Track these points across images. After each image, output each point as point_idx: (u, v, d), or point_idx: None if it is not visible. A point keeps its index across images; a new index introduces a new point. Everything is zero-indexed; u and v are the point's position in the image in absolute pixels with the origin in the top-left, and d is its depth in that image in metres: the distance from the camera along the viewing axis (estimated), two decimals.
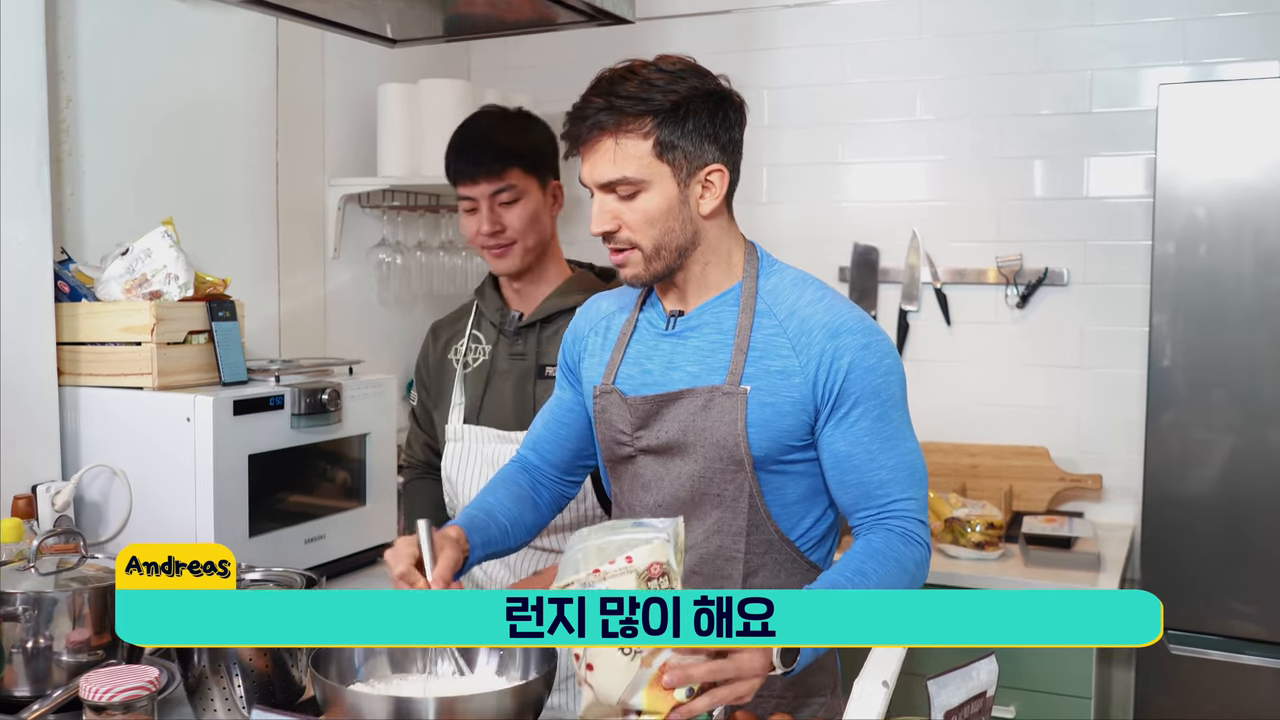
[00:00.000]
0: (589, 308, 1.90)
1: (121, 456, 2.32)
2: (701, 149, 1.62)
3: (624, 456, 1.76)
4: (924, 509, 1.63)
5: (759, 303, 1.68)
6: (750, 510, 1.67)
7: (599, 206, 1.64)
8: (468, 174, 2.19)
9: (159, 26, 2.74)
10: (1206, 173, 2.72)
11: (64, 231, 2.48)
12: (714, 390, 1.64)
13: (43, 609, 1.65)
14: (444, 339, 2.41)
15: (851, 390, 1.61)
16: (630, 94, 1.58)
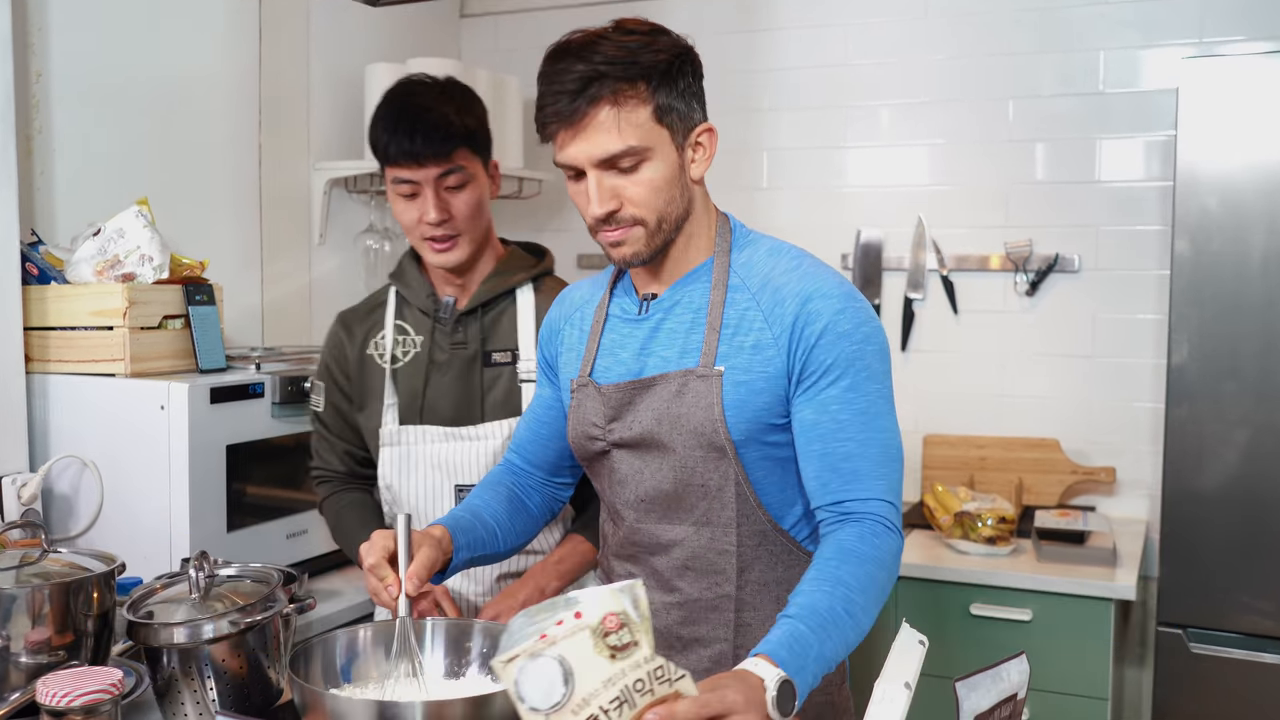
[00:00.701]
0: (563, 299, 1.80)
1: (92, 447, 2.22)
2: (692, 109, 1.55)
3: (598, 452, 1.67)
4: (895, 493, 1.52)
5: (732, 276, 1.60)
6: (738, 499, 1.58)
7: (597, 186, 1.52)
8: (410, 154, 1.93)
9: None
10: (1228, 154, 2.62)
11: (34, 212, 2.38)
12: (688, 374, 1.56)
13: (4, 605, 1.54)
14: (360, 333, 2.14)
15: (822, 356, 1.51)
16: (615, 59, 1.48)
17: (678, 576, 1.61)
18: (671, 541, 1.62)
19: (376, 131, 1.97)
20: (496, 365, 2.05)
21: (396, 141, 1.93)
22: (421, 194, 1.96)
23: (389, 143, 1.94)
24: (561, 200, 3.85)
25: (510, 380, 2.05)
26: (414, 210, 1.97)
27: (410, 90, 2.01)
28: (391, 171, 1.97)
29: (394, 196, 2.00)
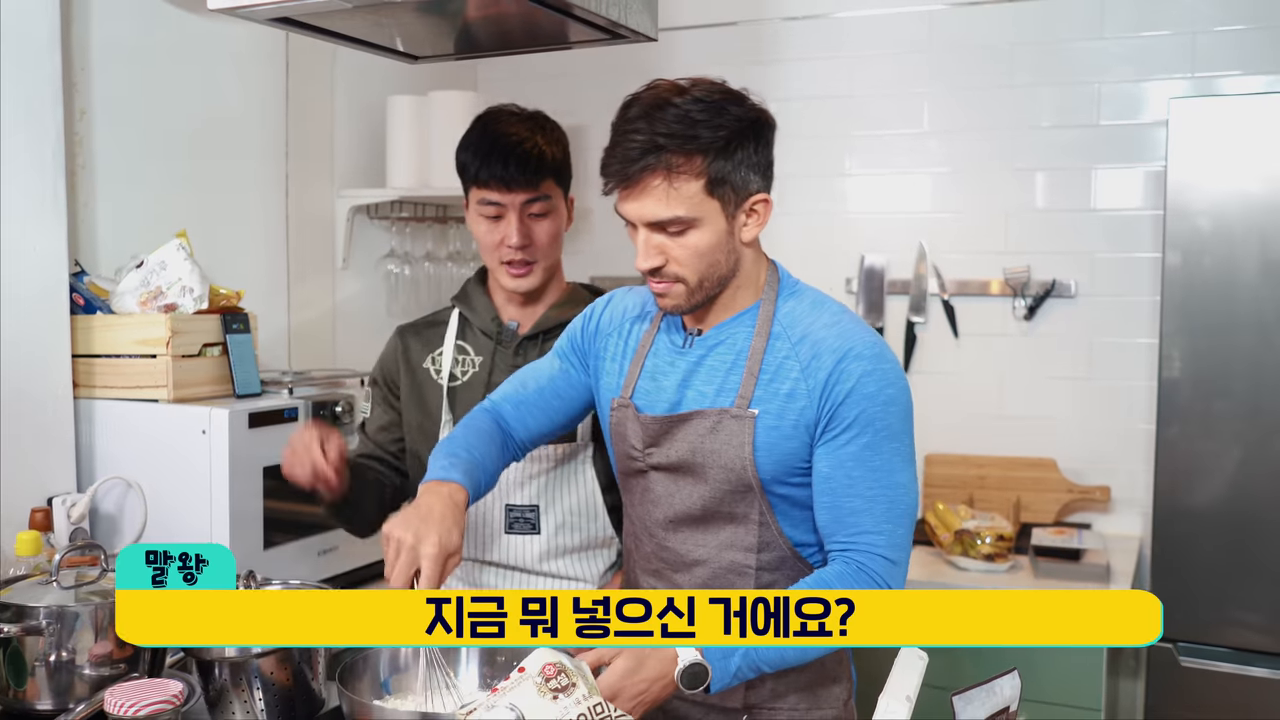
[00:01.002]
0: (614, 303, 1.87)
1: (136, 469, 2.32)
2: (748, 181, 1.61)
3: (636, 470, 1.76)
4: (895, 546, 1.60)
5: (775, 325, 1.68)
6: (761, 526, 1.67)
7: (645, 243, 1.61)
8: (501, 178, 1.98)
9: (171, 37, 2.75)
10: (1216, 185, 2.74)
11: (78, 243, 2.49)
12: (723, 413, 1.65)
13: (65, 623, 1.65)
14: (416, 347, 2.16)
15: (846, 414, 1.60)
16: (675, 131, 1.55)
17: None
18: (696, 560, 1.71)
19: (466, 154, 2.03)
20: None
21: (488, 165, 1.98)
22: (506, 217, 2.01)
23: (480, 166, 1.99)
24: (577, 224, 3.94)
25: None
26: (496, 233, 2.02)
27: (501, 118, 2.05)
28: (479, 193, 2.01)
29: (476, 217, 2.05)
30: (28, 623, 1.63)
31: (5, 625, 1.63)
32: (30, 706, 1.65)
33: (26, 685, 1.65)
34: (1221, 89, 3.14)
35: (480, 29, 1.92)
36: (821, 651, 1.62)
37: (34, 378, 2.28)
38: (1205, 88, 3.16)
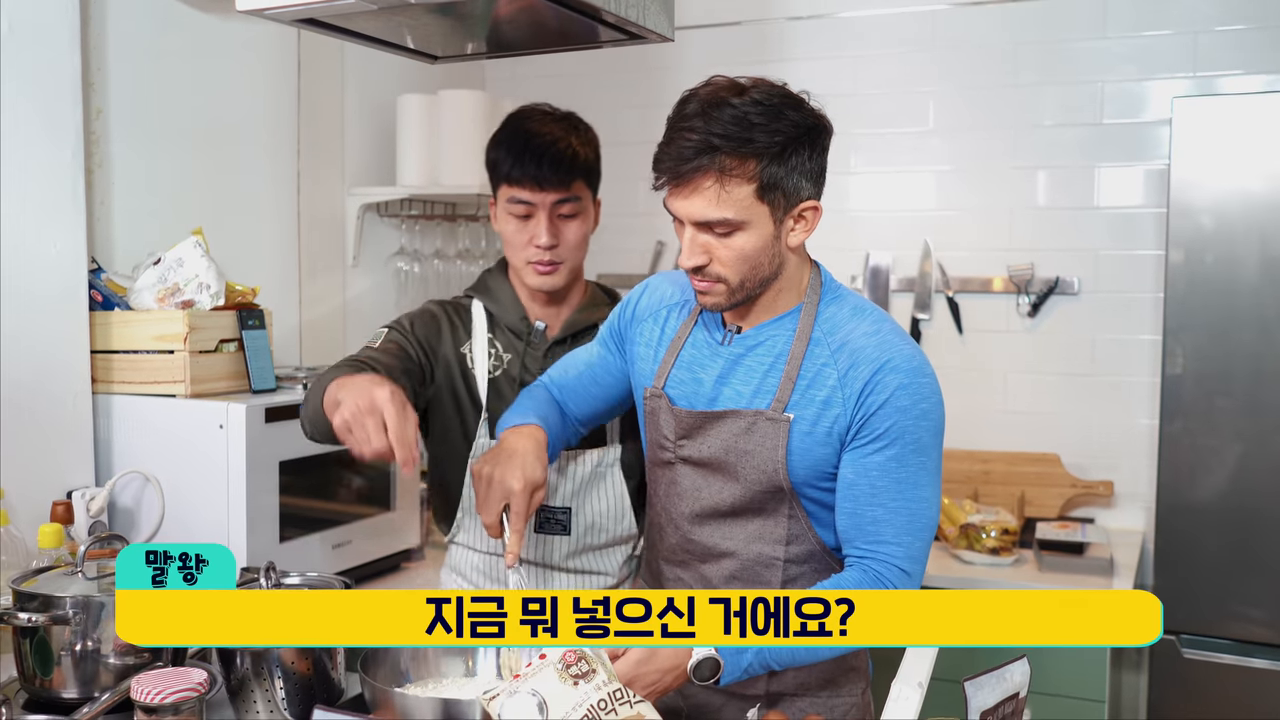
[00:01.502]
0: (652, 290, 1.89)
1: (154, 463, 2.36)
2: (799, 187, 1.61)
3: (665, 461, 1.78)
4: (912, 559, 1.62)
5: (816, 330, 1.68)
6: (791, 521, 1.70)
7: (691, 241, 1.62)
8: (534, 178, 1.97)
9: (184, 37, 2.78)
10: (1218, 183, 2.77)
11: (94, 241, 2.52)
12: (758, 415, 1.66)
13: (91, 612, 1.67)
14: (451, 330, 2.10)
15: (878, 425, 1.61)
16: (731, 133, 1.54)
17: (724, 584, 1.73)
18: (724, 552, 1.73)
19: (498, 152, 2.02)
20: None
21: (521, 164, 1.97)
22: (535, 216, 2.00)
23: (513, 164, 1.98)
24: None
25: None
26: (525, 231, 2.01)
27: (535, 117, 2.04)
28: (509, 191, 2.00)
29: (505, 215, 2.03)
30: (55, 612, 1.65)
31: (33, 615, 1.65)
32: (57, 695, 1.67)
33: (53, 674, 1.68)
34: (1223, 88, 3.17)
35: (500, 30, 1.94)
36: (832, 652, 1.65)
37: (53, 373, 2.32)
38: (1207, 87, 3.19)
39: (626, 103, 3.93)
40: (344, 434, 1.63)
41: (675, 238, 4.02)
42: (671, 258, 3.89)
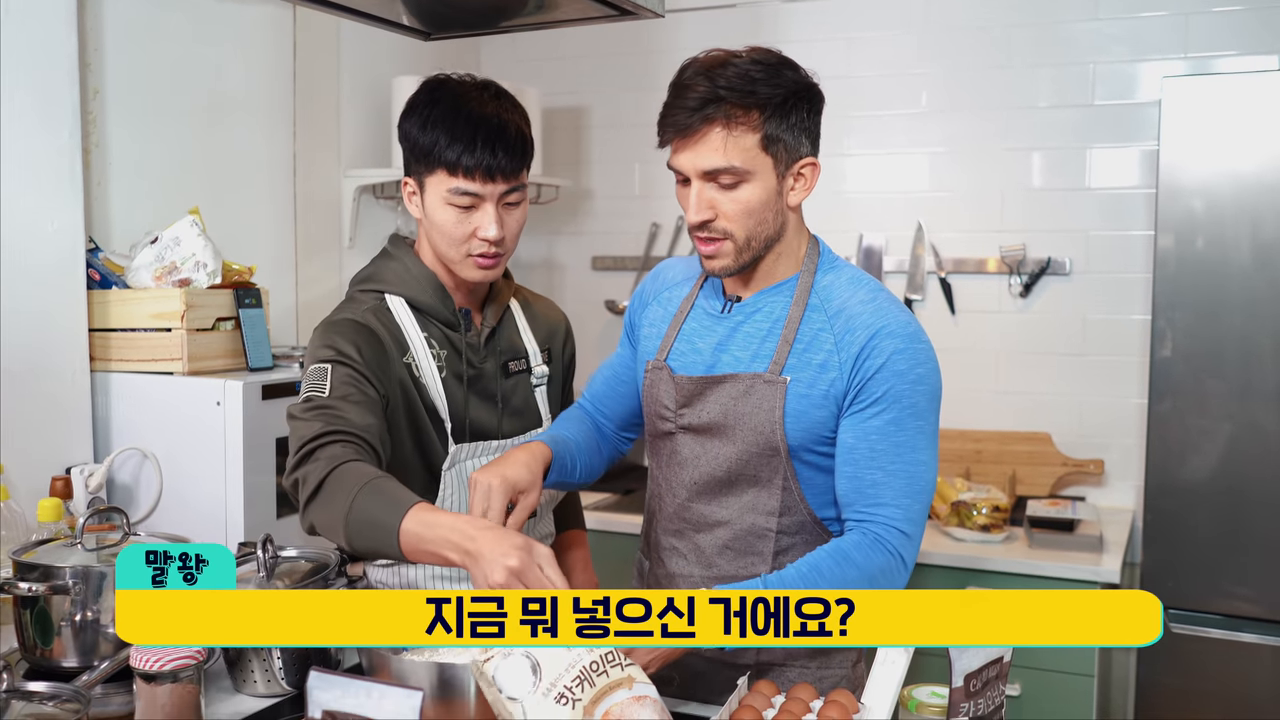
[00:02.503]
0: (658, 274, 1.94)
1: (152, 439, 2.38)
2: (800, 143, 1.66)
3: (665, 432, 1.81)
4: (911, 520, 1.64)
5: (812, 297, 1.72)
6: (784, 491, 1.72)
7: (697, 196, 1.65)
8: (487, 168, 1.76)
9: (180, 18, 2.80)
10: (1207, 164, 2.79)
11: (91, 220, 2.53)
12: (755, 377, 1.69)
13: (90, 582, 1.70)
14: (392, 345, 1.86)
15: (875, 389, 1.63)
16: (735, 85, 1.59)
17: (717, 554, 1.76)
18: (718, 522, 1.76)
19: (434, 133, 1.77)
20: (513, 374, 2.00)
21: (471, 151, 1.75)
22: (481, 208, 1.80)
23: (462, 151, 1.75)
24: (577, 205, 4.02)
25: (525, 388, 2.03)
26: (468, 223, 1.80)
27: (469, 94, 1.81)
28: (452, 180, 1.77)
29: (441, 205, 1.80)
30: (55, 582, 1.68)
31: (33, 585, 1.68)
32: (57, 664, 1.70)
33: (53, 644, 1.70)
34: (1214, 69, 3.19)
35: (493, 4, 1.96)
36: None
37: (52, 351, 2.34)
38: (1198, 68, 3.21)
39: (622, 85, 3.95)
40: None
41: (670, 220, 4.06)
42: (666, 241, 3.91)
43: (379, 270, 1.94)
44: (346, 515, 1.56)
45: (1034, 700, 2.84)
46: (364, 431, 1.69)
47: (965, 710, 1.34)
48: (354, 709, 1.20)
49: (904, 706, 1.45)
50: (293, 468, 1.65)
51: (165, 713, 1.54)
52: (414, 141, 1.82)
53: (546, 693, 1.31)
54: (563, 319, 2.16)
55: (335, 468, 1.60)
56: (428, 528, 1.50)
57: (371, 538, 1.55)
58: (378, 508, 1.54)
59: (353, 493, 1.56)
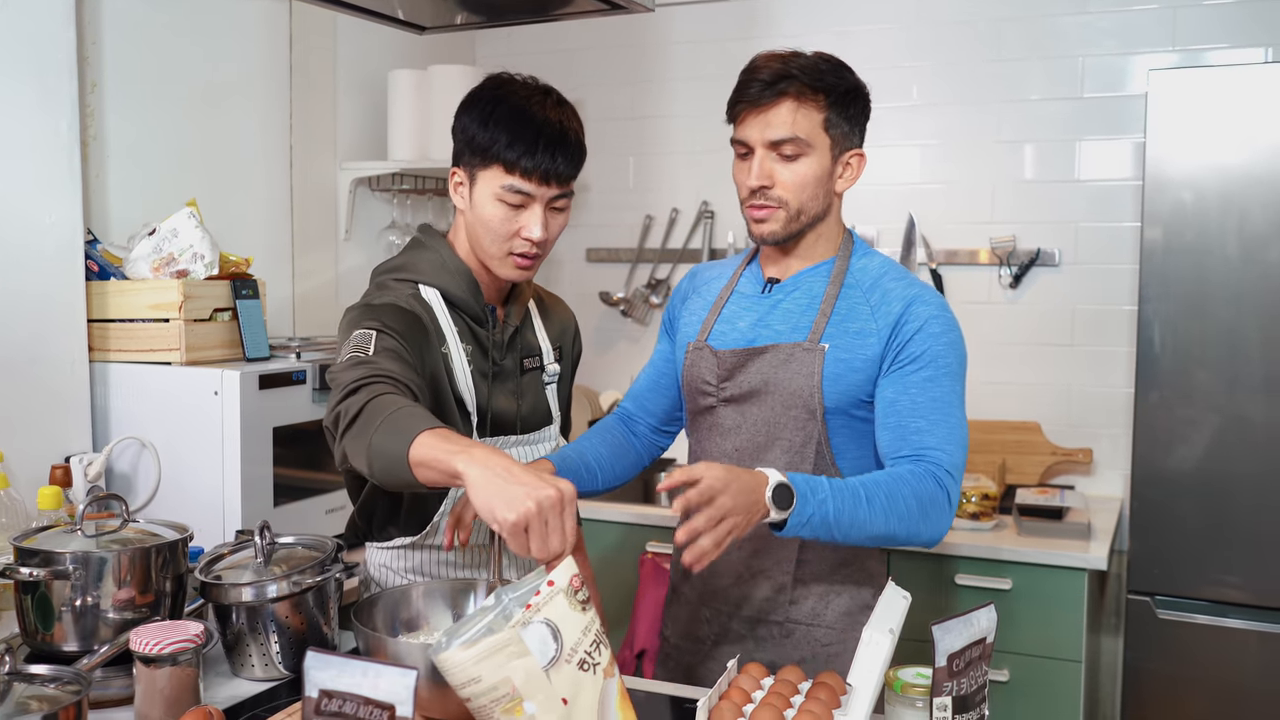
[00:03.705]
0: (695, 274, 2.07)
1: (150, 429, 2.41)
2: (853, 134, 1.83)
3: (706, 407, 1.92)
4: (957, 467, 1.73)
5: (848, 277, 1.86)
6: (817, 455, 1.82)
7: (759, 164, 1.79)
8: (544, 171, 1.79)
9: (177, 12, 2.82)
10: (1194, 157, 2.81)
11: (89, 212, 2.56)
12: (796, 346, 1.81)
13: (91, 568, 1.72)
14: (433, 333, 1.88)
15: (914, 349, 1.76)
16: (808, 67, 1.77)
17: None
18: None
19: (494, 131, 1.79)
20: (528, 371, 2.02)
21: (532, 154, 1.77)
22: (530, 208, 1.82)
23: (522, 152, 1.78)
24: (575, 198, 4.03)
25: (538, 385, 2.05)
26: (515, 221, 1.82)
27: (531, 97, 1.84)
28: (507, 178, 1.79)
29: (491, 201, 1.82)
30: (55, 568, 1.70)
31: (34, 570, 1.70)
32: (57, 649, 1.72)
33: (54, 628, 1.72)
34: (1203, 62, 3.22)
35: None
36: (874, 537, 1.68)
37: (51, 342, 2.37)
38: (1187, 61, 3.24)
39: (617, 79, 3.97)
40: (517, 534, 1.38)
41: (663, 213, 4.08)
42: (660, 233, 3.94)
43: (414, 260, 1.94)
44: (371, 437, 1.53)
45: (1022, 686, 2.87)
46: (407, 380, 1.68)
47: (949, 689, 1.37)
48: (350, 688, 1.22)
49: (889, 687, 1.47)
50: (335, 405, 1.64)
51: (164, 695, 1.57)
52: (471, 136, 1.84)
53: (569, 659, 1.33)
54: (573, 318, 2.19)
55: (374, 398, 1.59)
56: (445, 439, 1.46)
57: (390, 453, 1.50)
58: (400, 426, 1.51)
59: (383, 416, 1.54)
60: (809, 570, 1.87)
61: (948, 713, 1.36)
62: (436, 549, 1.97)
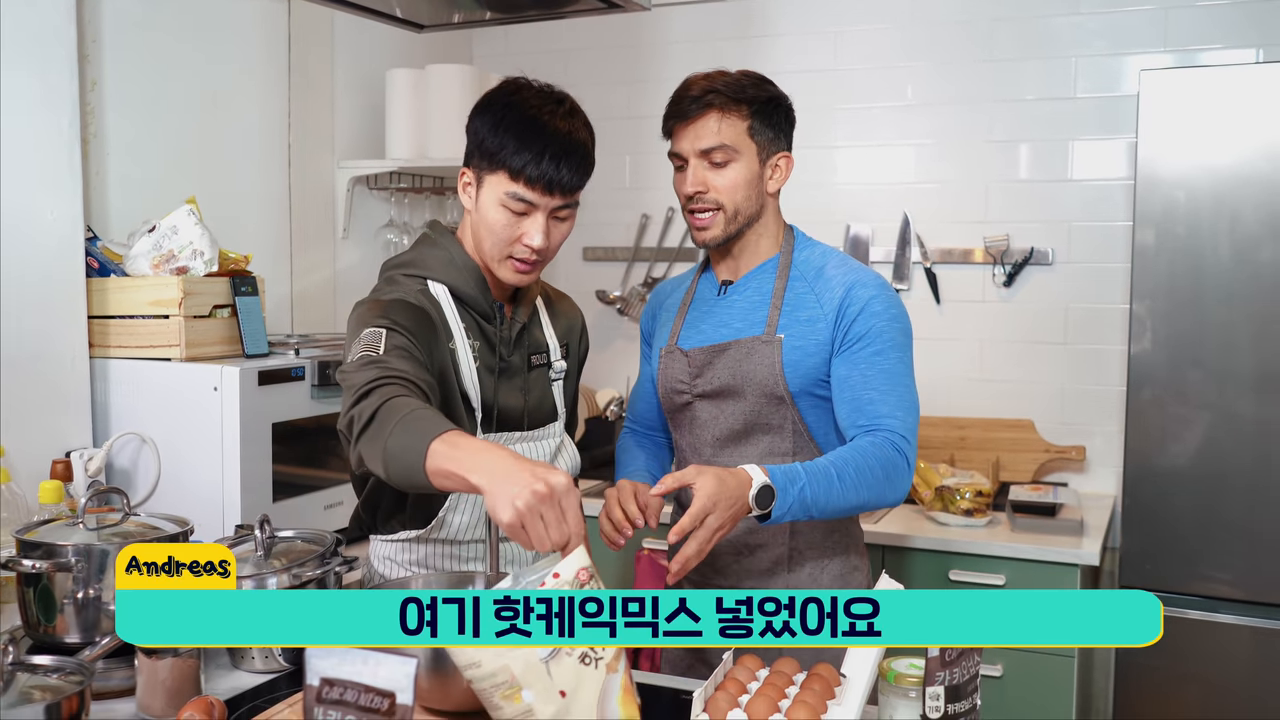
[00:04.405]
0: (658, 293, 2.25)
1: (150, 425, 2.43)
2: (777, 139, 2.00)
3: (682, 404, 2.08)
4: (910, 430, 1.89)
5: (793, 270, 2.02)
6: (794, 434, 1.99)
7: (693, 173, 1.96)
8: (549, 181, 1.79)
9: (177, 11, 2.84)
10: (1185, 157, 2.83)
11: (89, 210, 2.58)
12: (755, 340, 1.98)
13: (92, 560, 1.74)
14: (441, 329, 1.90)
15: (859, 329, 1.92)
16: (731, 87, 1.95)
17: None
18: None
19: (503, 137, 1.80)
20: (535, 368, 2.03)
21: (538, 163, 1.78)
22: (532, 216, 1.82)
23: (529, 161, 1.78)
24: None
25: (544, 382, 2.07)
26: (517, 227, 1.83)
27: (543, 105, 1.84)
28: (512, 185, 1.80)
29: (496, 205, 1.83)
30: (58, 560, 1.72)
31: (37, 562, 1.72)
32: (59, 640, 1.74)
33: (56, 620, 1.75)
34: (1195, 62, 3.24)
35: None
36: (853, 509, 1.85)
37: (52, 337, 2.39)
38: (1179, 61, 3.27)
39: (613, 79, 3.99)
40: (515, 533, 1.43)
41: (659, 211, 4.10)
42: (656, 231, 3.96)
43: (423, 256, 1.96)
44: (386, 442, 1.56)
45: (1015, 680, 2.90)
46: (418, 379, 1.70)
47: (941, 679, 1.38)
48: (351, 676, 1.24)
49: (883, 678, 1.49)
50: (349, 408, 1.66)
51: (165, 686, 1.60)
52: (482, 139, 1.84)
53: (570, 652, 1.33)
54: (580, 316, 2.20)
55: (387, 401, 1.61)
56: (455, 447, 1.49)
57: (405, 461, 1.53)
58: (413, 431, 1.54)
59: (396, 420, 1.56)
60: (803, 539, 2.02)
61: (940, 702, 1.38)
62: (441, 542, 1.99)
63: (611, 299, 3.99)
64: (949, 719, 1.38)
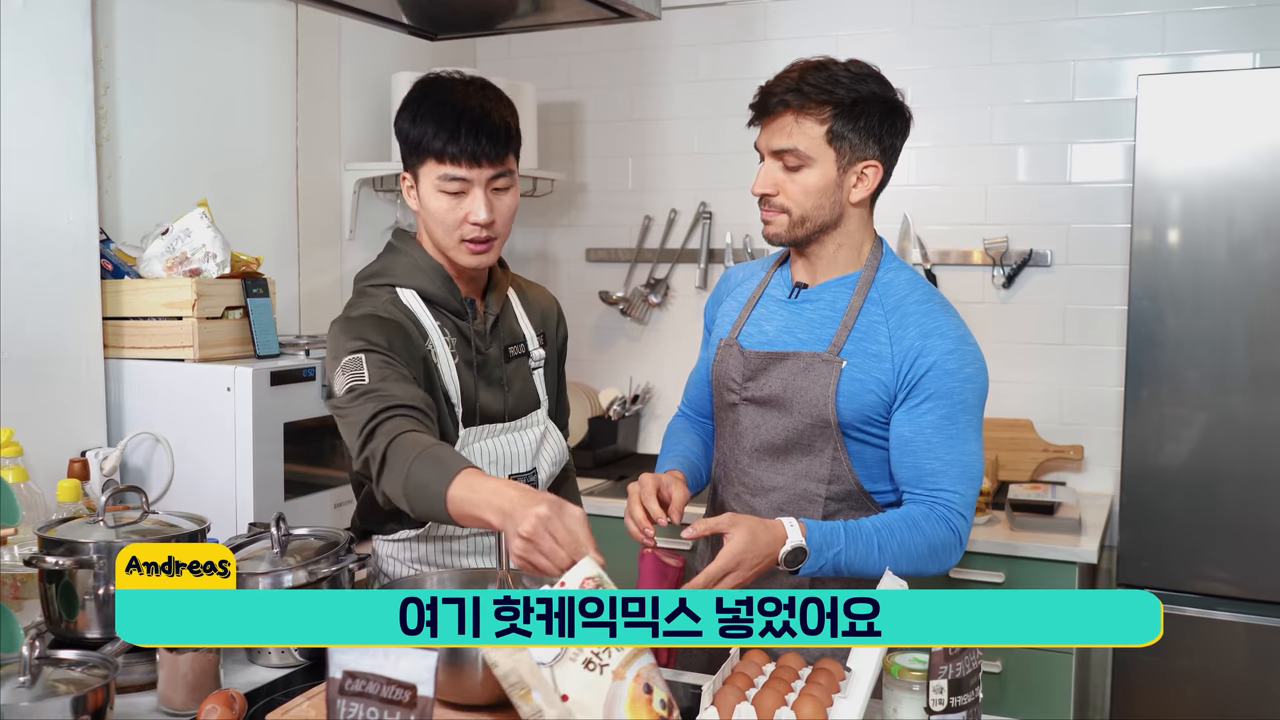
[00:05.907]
0: (727, 277, 2.14)
1: (164, 425, 2.46)
2: (866, 145, 1.83)
3: (730, 404, 1.98)
4: (968, 506, 1.81)
5: (873, 291, 1.88)
6: (834, 461, 1.88)
7: (765, 171, 1.86)
8: (471, 154, 1.84)
9: (188, 16, 2.87)
10: (1183, 160, 2.87)
11: (102, 212, 2.60)
12: (815, 356, 1.87)
13: (113, 557, 1.76)
14: (417, 338, 1.94)
15: (928, 386, 1.79)
16: (817, 83, 1.80)
17: (770, 515, 1.87)
18: (773, 486, 1.92)
19: (423, 126, 1.87)
20: (513, 359, 2.08)
21: (456, 139, 1.84)
22: (470, 194, 1.88)
23: (447, 139, 1.84)
24: (572, 198, 4.09)
25: (525, 371, 2.11)
26: (459, 209, 1.88)
27: (455, 87, 1.91)
28: (441, 168, 1.87)
29: (434, 193, 1.89)
30: (79, 557, 1.76)
31: (59, 559, 1.75)
32: (81, 635, 1.77)
33: (78, 616, 1.78)
34: (1193, 67, 3.28)
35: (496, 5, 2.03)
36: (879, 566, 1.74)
37: (68, 339, 2.42)
38: (1177, 66, 3.30)
39: (615, 82, 4.03)
40: (529, 553, 1.50)
41: (661, 214, 4.14)
42: (659, 233, 3.99)
43: (388, 265, 2.02)
44: (405, 484, 1.65)
45: (1014, 676, 2.93)
46: (413, 401, 1.77)
47: (944, 673, 1.42)
48: (372, 669, 1.27)
49: (887, 671, 1.53)
50: (360, 450, 1.74)
51: (186, 680, 1.64)
52: (406, 135, 1.92)
53: (574, 657, 1.36)
54: (554, 303, 2.24)
55: (394, 439, 1.69)
56: (472, 491, 1.58)
57: (427, 503, 1.64)
58: (430, 475, 1.63)
59: (409, 462, 1.65)
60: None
61: (944, 695, 1.42)
62: (441, 539, 2.03)
63: (614, 300, 4.03)
64: (952, 711, 1.42)
